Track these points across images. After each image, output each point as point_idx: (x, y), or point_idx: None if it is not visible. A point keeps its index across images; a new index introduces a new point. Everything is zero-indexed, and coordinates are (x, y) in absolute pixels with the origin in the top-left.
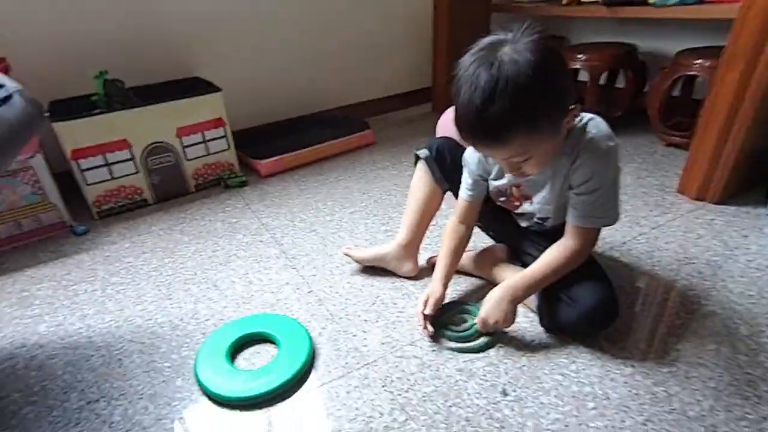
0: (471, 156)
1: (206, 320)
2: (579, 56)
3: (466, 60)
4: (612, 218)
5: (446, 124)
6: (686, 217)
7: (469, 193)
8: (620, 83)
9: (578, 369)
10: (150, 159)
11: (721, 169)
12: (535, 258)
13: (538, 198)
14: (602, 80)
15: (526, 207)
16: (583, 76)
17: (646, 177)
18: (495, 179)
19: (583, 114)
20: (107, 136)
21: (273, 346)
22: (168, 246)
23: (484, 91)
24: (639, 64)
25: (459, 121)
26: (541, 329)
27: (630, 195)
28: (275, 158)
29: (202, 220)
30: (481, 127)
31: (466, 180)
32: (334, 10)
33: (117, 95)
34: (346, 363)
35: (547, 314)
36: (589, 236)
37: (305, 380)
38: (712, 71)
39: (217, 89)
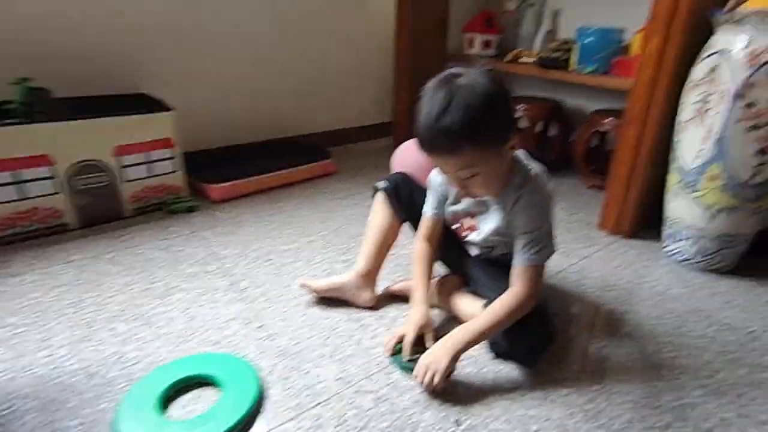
0: (435, 177)
1: (134, 364)
2: (519, 106)
3: (429, 85)
4: (550, 251)
5: (401, 160)
6: (606, 249)
7: (434, 210)
8: (552, 132)
9: (524, 393)
10: (77, 178)
11: (628, 208)
12: (484, 285)
13: (485, 229)
14: (538, 128)
15: (473, 237)
16: (523, 123)
17: (573, 214)
18: (452, 204)
19: (531, 163)
20: (22, 150)
21: (215, 389)
22: (91, 278)
23: (440, 106)
24: (566, 117)
25: (418, 133)
26: (489, 356)
27: (562, 230)
28: (229, 183)
29: (138, 248)
30: (434, 136)
31: (429, 199)
32: (302, 36)
33: (40, 105)
34: (298, 403)
35: (494, 342)
36: (535, 276)
37: (251, 426)
38: (617, 128)
39: (167, 108)
